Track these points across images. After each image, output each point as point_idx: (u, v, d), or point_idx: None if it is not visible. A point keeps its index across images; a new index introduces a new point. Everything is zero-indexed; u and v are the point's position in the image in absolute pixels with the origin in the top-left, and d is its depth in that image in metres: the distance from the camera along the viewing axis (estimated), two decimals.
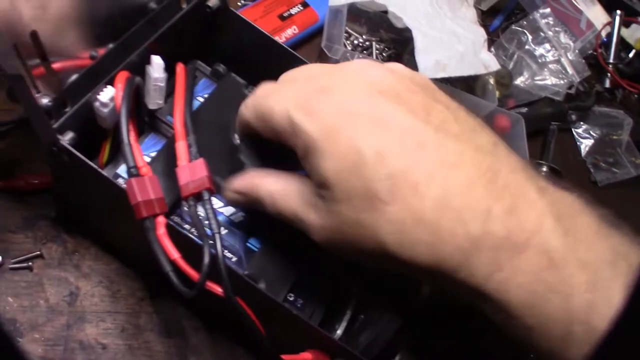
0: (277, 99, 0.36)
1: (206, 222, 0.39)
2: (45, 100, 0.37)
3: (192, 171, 0.40)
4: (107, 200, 0.42)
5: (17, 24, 0.33)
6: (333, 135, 0.33)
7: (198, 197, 0.40)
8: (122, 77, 0.42)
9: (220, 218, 0.45)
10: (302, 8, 0.68)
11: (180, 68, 0.47)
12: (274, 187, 0.39)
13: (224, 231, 0.45)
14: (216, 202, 0.46)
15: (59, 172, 0.43)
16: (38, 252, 0.47)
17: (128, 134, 0.39)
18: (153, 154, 0.46)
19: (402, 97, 0.34)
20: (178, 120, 0.43)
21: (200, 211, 0.42)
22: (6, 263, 0.47)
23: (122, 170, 0.45)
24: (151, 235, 0.37)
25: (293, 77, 0.38)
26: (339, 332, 0.44)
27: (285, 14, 0.67)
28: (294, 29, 0.67)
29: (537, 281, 0.31)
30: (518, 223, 0.31)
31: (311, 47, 0.70)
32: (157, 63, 0.43)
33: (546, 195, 0.33)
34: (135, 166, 0.38)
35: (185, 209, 0.42)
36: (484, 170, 0.32)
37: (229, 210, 0.46)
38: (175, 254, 0.37)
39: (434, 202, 0.31)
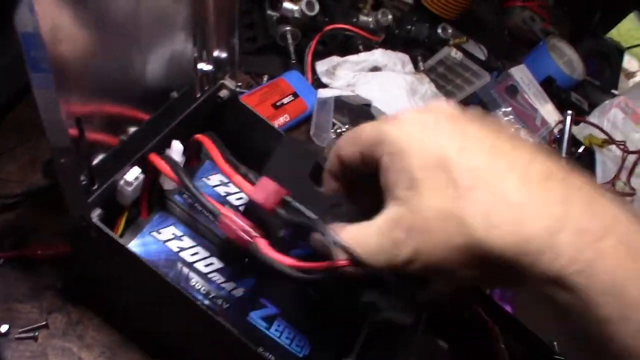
0: (366, 124, 0.39)
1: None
2: (81, 178, 0.40)
3: (262, 189, 0.43)
4: (125, 273, 0.45)
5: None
6: (419, 137, 0.35)
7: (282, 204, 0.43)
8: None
9: (222, 293, 0.48)
10: (293, 98, 0.74)
11: (201, 136, 0.50)
12: (348, 234, 0.38)
13: (225, 305, 0.48)
14: (218, 277, 0.49)
15: (81, 246, 0.45)
16: (44, 322, 0.49)
17: (197, 191, 0.43)
18: (162, 230, 0.49)
19: (475, 119, 0.37)
20: (222, 164, 0.46)
21: (204, 286, 0.46)
22: (12, 332, 0.48)
23: (133, 244, 0.48)
24: (262, 254, 0.40)
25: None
26: None
27: (278, 103, 0.72)
28: (286, 117, 0.72)
29: (619, 268, 0.31)
30: (597, 212, 0.32)
31: (300, 133, 0.75)
32: (176, 148, 0.47)
33: (617, 201, 0.34)
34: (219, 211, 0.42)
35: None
36: (556, 172, 0.34)
37: (230, 285, 0.49)
38: (287, 260, 0.39)
39: (516, 185, 0.32)
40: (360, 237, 0.37)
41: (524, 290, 0.36)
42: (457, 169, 0.33)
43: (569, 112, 1.04)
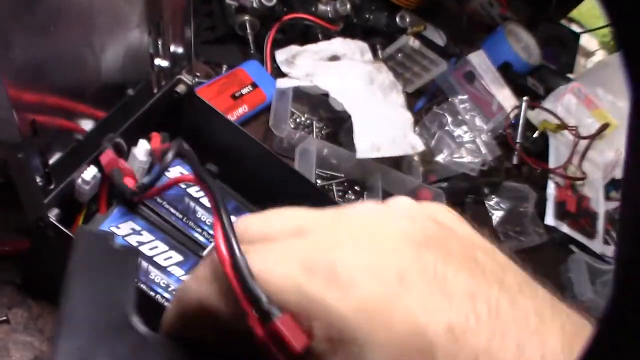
0: (271, 266, 0.24)
1: None
2: (37, 179, 0.41)
3: None
4: None
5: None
6: (381, 313, 0.22)
7: None
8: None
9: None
10: (251, 89, 0.75)
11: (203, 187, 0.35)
12: None
13: None
14: (177, 270, 0.50)
15: (39, 244, 0.46)
16: (4, 317, 0.49)
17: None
18: (121, 225, 0.50)
19: (446, 248, 0.25)
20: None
21: (163, 279, 0.47)
22: None
23: None
24: None
25: (281, 229, 0.26)
26: None
27: (237, 94, 0.73)
28: (244, 108, 0.73)
29: None
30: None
31: (258, 124, 0.76)
32: (144, 148, 0.48)
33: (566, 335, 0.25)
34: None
35: None
36: (523, 315, 0.24)
37: None
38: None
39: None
40: None
41: None
42: None
43: (525, 98, 1.07)
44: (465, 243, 0.27)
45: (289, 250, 0.24)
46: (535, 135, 1.10)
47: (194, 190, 0.55)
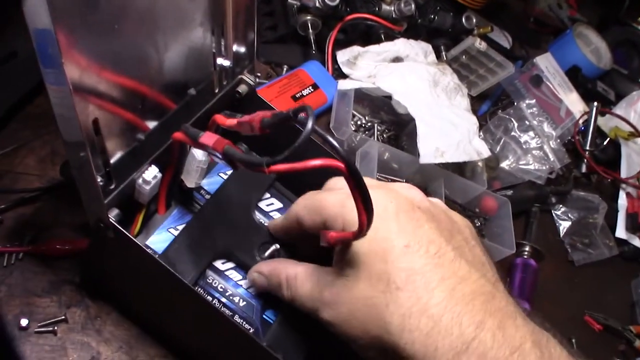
0: (328, 195, 0.42)
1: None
2: (99, 179, 0.40)
3: (209, 137, 0.41)
4: (142, 272, 0.45)
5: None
6: (374, 225, 0.36)
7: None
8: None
9: (239, 290, 0.48)
10: (312, 90, 0.73)
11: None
12: (292, 271, 0.43)
13: (242, 303, 0.48)
14: (235, 275, 0.49)
15: (99, 245, 0.45)
16: (63, 317, 0.49)
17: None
18: (179, 227, 0.49)
19: (434, 217, 0.40)
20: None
21: (221, 284, 0.47)
22: (32, 326, 0.48)
23: (151, 241, 0.48)
24: None
25: (341, 186, 0.43)
26: None
27: (298, 95, 0.72)
28: None
29: None
30: (504, 339, 0.35)
31: (319, 125, 0.74)
32: None
33: (529, 325, 0.37)
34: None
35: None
36: (483, 292, 0.37)
37: (247, 283, 0.49)
38: None
39: (440, 301, 0.35)
40: (300, 276, 0.42)
41: None
42: (394, 265, 0.37)
43: (595, 103, 1.02)
44: (452, 228, 0.41)
45: (343, 192, 0.40)
46: (605, 142, 1.04)
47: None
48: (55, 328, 0.49)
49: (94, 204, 0.40)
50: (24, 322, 0.48)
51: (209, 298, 0.47)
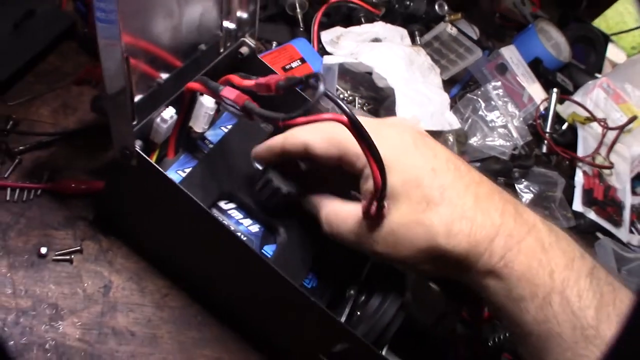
0: (345, 131, 0.42)
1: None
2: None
3: (230, 92, 0.47)
4: (159, 199, 0.50)
5: None
6: (401, 158, 0.44)
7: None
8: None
9: (240, 227, 0.54)
10: (300, 63, 0.79)
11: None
12: (331, 208, 0.50)
13: (243, 238, 0.53)
14: (237, 214, 0.55)
15: (118, 177, 0.50)
16: (78, 248, 0.54)
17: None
18: (186, 170, 0.54)
19: (436, 140, 0.48)
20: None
21: (225, 220, 0.52)
22: (50, 255, 0.53)
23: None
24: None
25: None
26: (342, 319, 0.52)
27: (287, 67, 0.78)
28: None
29: (533, 259, 0.42)
30: (522, 219, 0.44)
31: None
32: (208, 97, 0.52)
33: (533, 210, 0.46)
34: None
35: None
36: (495, 188, 0.46)
37: (247, 222, 0.55)
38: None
39: (471, 204, 0.43)
40: (340, 214, 0.48)
41: (468, 279, 0.45)
42: (429, 187, 0.43)
43: (555, 89, 1.10)
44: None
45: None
46: (564, 127, 1.13)
47: None
48: (72, 257, 0.53)
49: (124, 132, 0.45)
50: (43, 250, 0.52)
51: (226, 222, 0.52)
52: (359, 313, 0.54)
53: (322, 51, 0.88)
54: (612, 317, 0.41)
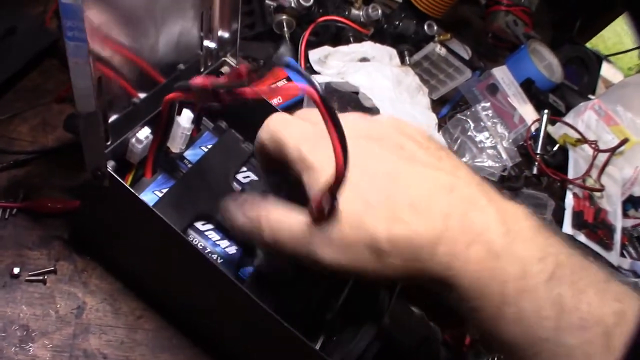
0: (291, 132, 0.43)
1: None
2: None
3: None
4: (132, 221, 0.49)
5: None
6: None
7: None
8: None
9: (217, 249, 0.53)
10: (286, 82, 0.79)
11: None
12: (274, 215, 0.43)
13: (219, 260, 0.52)
14: (214, 235, 0.54)
15: (92, 197, 0.50)
16: (52, 268, 0.53)
17: None
18: (163, 190, 0.54)
19: (383, 141, 0.43)
20: None
21: (201, 242, 0.51)
22: (23, 275, 0.52)
23: (142, 196, 0.52)
24: None
25: (308, 117, 0.46)
26: (318, 346, 0.51)
27: (273, 86, 0.77)
28: (279, 99, 0.77)
29: (482, 269, 0.38)
30: (470, 223, 0.39)
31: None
32: (187, 115, 0.52)
33: (494, 204, 0.40)
34: None
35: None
36: (443, 186, 0.40)
37: (225, 243, 0.54)
38: None
39: (409, 205, 0.39)
40: (285, 221, 0.42)
41: (429, 289, 0.42)
42: (368, 190, 0.40)
43: (546, 110, 1.10)
44: (401, 140, 0.43)
45: (304, 128, 0.43)
46: (555, 148, 1.12)
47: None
48: (45, 277, 0.53)
49: (95, 153, 0.45)
50: (16, 270, 0.52)
51: (200, 245, 0.52)
52: (334, 339, 0.53)
53: (310, 70, 0.88)
54: (574, 326, 0.37)
